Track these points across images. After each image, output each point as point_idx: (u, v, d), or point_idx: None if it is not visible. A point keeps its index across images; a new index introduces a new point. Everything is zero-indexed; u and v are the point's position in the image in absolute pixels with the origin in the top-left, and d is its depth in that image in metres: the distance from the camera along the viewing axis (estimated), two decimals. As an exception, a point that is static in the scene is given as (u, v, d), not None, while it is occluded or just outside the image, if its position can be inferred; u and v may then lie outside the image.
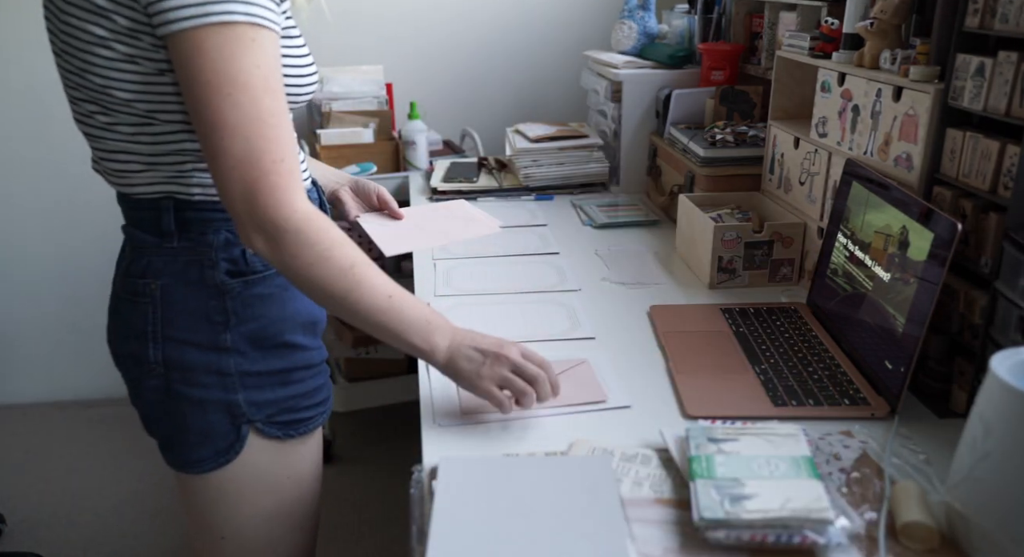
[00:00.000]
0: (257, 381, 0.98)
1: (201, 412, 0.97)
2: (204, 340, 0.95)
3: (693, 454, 0.85)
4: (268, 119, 0.82)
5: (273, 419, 1.00)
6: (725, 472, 0.82)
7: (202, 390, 0.96)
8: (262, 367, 0.98)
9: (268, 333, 0.97)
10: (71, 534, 2.09)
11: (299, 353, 1.01)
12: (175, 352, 0.95)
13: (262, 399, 0.98)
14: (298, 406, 1.02)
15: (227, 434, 0.98)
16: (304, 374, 1.02)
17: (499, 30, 2.42)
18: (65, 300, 2.59)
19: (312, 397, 1.04)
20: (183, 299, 0.94)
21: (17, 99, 2.37)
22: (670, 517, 0.81)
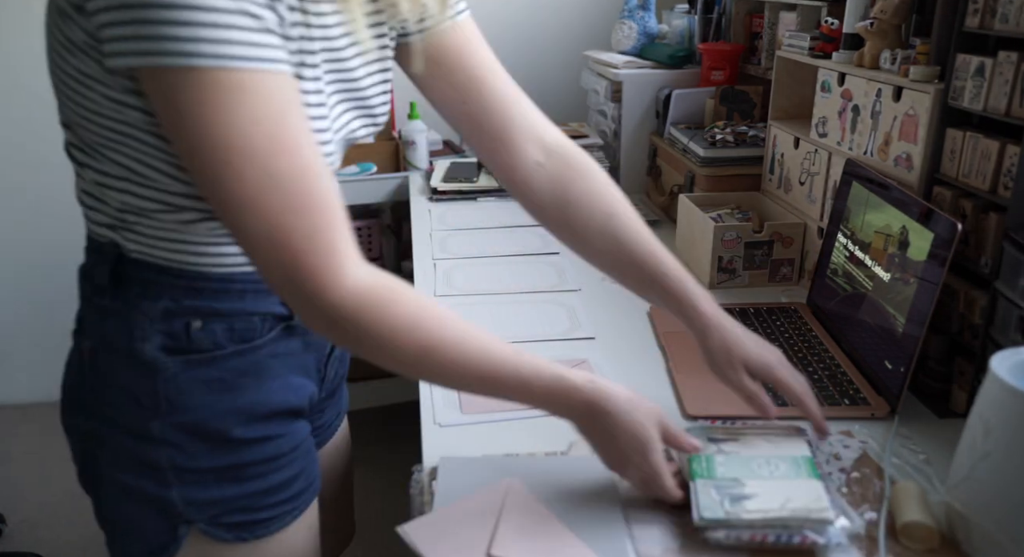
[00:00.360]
0: (197, 477, 0.77)
1: (130, 504, 0.79)
2: (131, 424, 0.76)
3: (693, 454, 0.85)
4: (288, 186, 0.63)
5: (220, 521, 0.79)
6: (725, 472, 0.81)
7: (132, 477, 0.78)
8: (204, 463, 0.77)
9: (210, 427, 0.77)
10: (71, 534, 2.09)
11: (256, 447, 0.79)
12: (104, 429, 0.78)
13: (205, 498, 0.78)
14: (256, 505, 0.81)
15: (159, 533, 0.79)
16: (264, 468, 0.80)
17: (499, 30, 2.42)
18: (65, 300, 2.59)
19: (277, 493, 0.82)
20: (109, 371, 0.77)
21: (17, 99, 2.37)
22: (670, 517, 0.81)
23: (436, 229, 1.70)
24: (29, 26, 2.30)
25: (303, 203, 0.64)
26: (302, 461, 0.85)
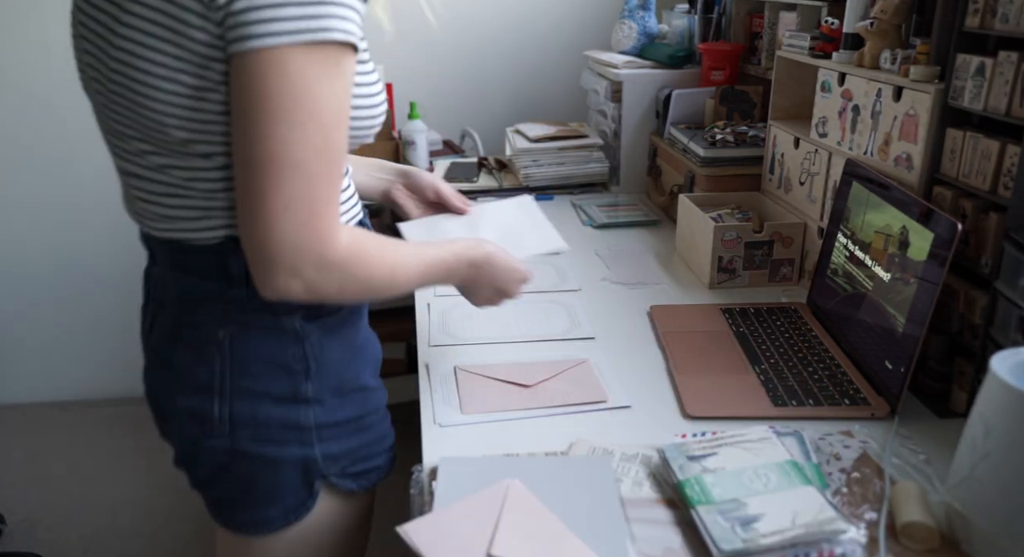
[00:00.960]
0: (334, 432, 0.91)
1: (272, 471, 0.88)
2: (283, 392, 0.86)
3: (681, 479, 0.83)
4: (331, 156, 0.74)
5: (347, 471, 0.93)
6: (722, 494, 0.80)
7: (275, 447, 0.87)
8: (340, 416, 0.91)
9: (347, 378, 0.92)
10: (71, 534, 2.09)
11: (371, 395, 0.96)
12: (246, 407, 0.86)
13: (338, 451, 0.91)
14: (371, 453, 0.96)
15: (298, 492, 0.90)
16: (374, 418, 0.97)
17: (499, 30, 2.42)
18: (65, 300, 2.59)
19: (382, 443, 0.98)
20: (256, 348, 0.85)
21: (17, 100, 2.37)
22: (670, 517, 0.81)
23: (436, 229, 1.70)
24: (31, 29, 2.30)
25: (333, 174, 0.75)
26: (389, 418, 1.01)
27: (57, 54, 2.32)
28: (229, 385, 0.85)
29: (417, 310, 1.32)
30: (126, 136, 0.81)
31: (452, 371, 1.12)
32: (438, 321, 1.27)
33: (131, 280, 2.59)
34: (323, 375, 0.88)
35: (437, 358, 1.16)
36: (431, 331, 1.24)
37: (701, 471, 0.83)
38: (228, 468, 0.88)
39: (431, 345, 1.20)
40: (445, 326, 1.26)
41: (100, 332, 2.65)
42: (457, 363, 1.14)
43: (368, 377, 0.95)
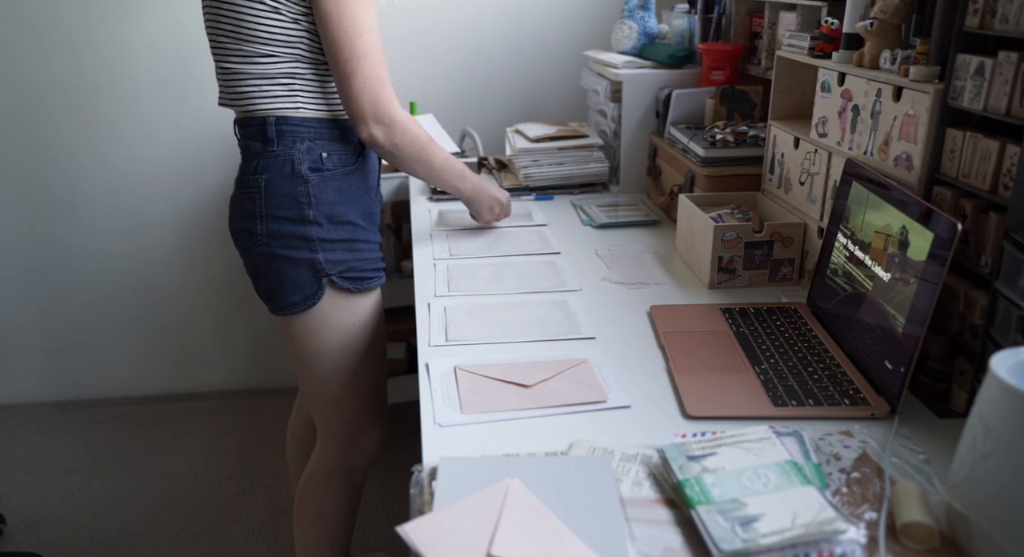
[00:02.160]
0: (332, 246, 1.34)
1: (294, 268, 1.33)
2: (295, 215, 1.31)
3: (681, 478, 0.82)
4: (381, 53, 1.27)
5: (344, 275, 1.36)
6: (722, 494, 0.79)
7: (294, 251, 1.32)
8: (335, 236, 1.34)
9: (337, 212, 1.34)
10: (71, 534, 2.09)
11: (359, 229, 1.38)
12: (275, 225, 1.32)
13: (335, 259, 1.35)
14: (361, 267, 1.38)
15: (312, 284, 1.34)
16: (363, 246, 1.39)
17: (499, 30, 2.42)
18: (65, 300, 2.59)
19: (371, 263, 1.41)
20: (280, 187, 1.31)
21: (14, 97, 2.37)
22: (670, 517, 0.81)
23: (436, 229, 1.70)
24: (30, 26, 2.30)
25: (383, 63, 1.28)
26: (379, 253, 1.45)
27: (54, 51, 2.32)
28: (265, 212, 1.32)
29: (417, 310, 1.32)
30: (225, 38, 1.28)
31: (452, 371, 1.12)
32: (438, 321, 1.27)
33: (131, 280, 2.59)
34: (320, 206, 1.32)
35: (437, 358, 1.16)
36: (431, 331, 1.24)
37: (701, 471, 0.83)
38: (269, 266, 1.34)
39: (431, 345, 1.20)
40: (445, 326, 1.26)
41: (100, 332, 2.65)
42: (457, 363, 1.14)
43: (355, 216, 1.37)
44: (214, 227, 2.55)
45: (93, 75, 2.35)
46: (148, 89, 2.40)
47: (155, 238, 2.55)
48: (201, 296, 2.65)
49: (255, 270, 1.37)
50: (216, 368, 2.74)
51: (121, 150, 2.45)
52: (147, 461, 2.38)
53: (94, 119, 2.41)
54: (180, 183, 2.50)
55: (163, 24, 2.33)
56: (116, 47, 2.33)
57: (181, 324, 2.68)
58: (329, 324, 1.39)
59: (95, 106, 2.39)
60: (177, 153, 2.47)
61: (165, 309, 2.64)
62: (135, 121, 2.43)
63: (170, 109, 2.42)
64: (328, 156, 1.33)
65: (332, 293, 1.36)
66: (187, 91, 2.40)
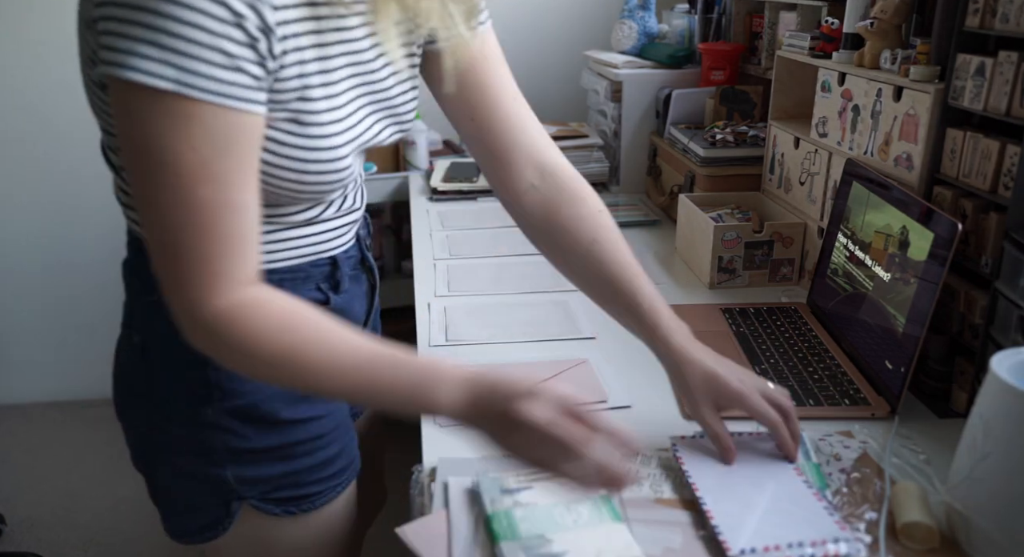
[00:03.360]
0: (250, 457, 0.85)
1: (187, 484, 0.87)
2: (185, 411, 0.84)
3: (490, 512, 0.79)
4: (200, 210, 0.66)
5: (270, 496, 0.87)
6: (529, 529, 0.77)
7: (187, 460, 0.86)
8: (255, 444, 0.85)
9: (261, 410, 0.84)
10: (71, 534, 2.09)
11: (302, 427, 0.87)
12: (157, 417, 0.86)
13: (255, 476, 0.86)
14: (303, 481, 0.89)
15: (214, 509, 0.87)
16: (310, 446, 0.89)
17: (499, 30, 2.40)
18: (65, 300, 2.59)
19: (323, 469, 0.90)
20: (161, 362, 0.84)
21: (13, 99, 2.37)
22: (670, 517, 0.81)
23: (436, 229, 1.70)
24: (28, 29, 2.30)
25: (208, 231, 0.67)
26: (343, 439, 0.93)
27: (52, 54, 2.32)
28: (148, 390, 0.87)
29: (417, 310, 1.32)
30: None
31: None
32: (438, 321, 1.27)
33: (131, 280, 2.59)
34: (228, 403, 0.83)
35: (437, 358, 1.16)
36: (431, 331, 1.24)
37: (512, 505, 0.80)
38: (153, 472, 0.91)
39: (431, 345, 1.20)
40: (445, 326, 1.26)
41: (99, 332, 2.64)
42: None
43: (294, 410, 0.86)
44: (214, 227, 2.55)
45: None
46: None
47: (155, 238, 2.55)
48: (201, 296, 2.64)
49: (142, 471, 0.93)
50: (216, 368, 2.74)
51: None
52: (147, 461, 2.38)
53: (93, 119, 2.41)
54: (180, 183, 2.50)
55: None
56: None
57: (181, 324, 2.67)
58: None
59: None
60: (177, 153, 2.47)
61: (165, 309, 2.64)
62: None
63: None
64: None
65: (253, 517, 0.89)
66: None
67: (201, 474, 0.85)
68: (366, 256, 0.99)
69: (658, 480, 0.87)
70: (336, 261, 0.91)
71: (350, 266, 0.94)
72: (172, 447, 0.86)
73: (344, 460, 0.93)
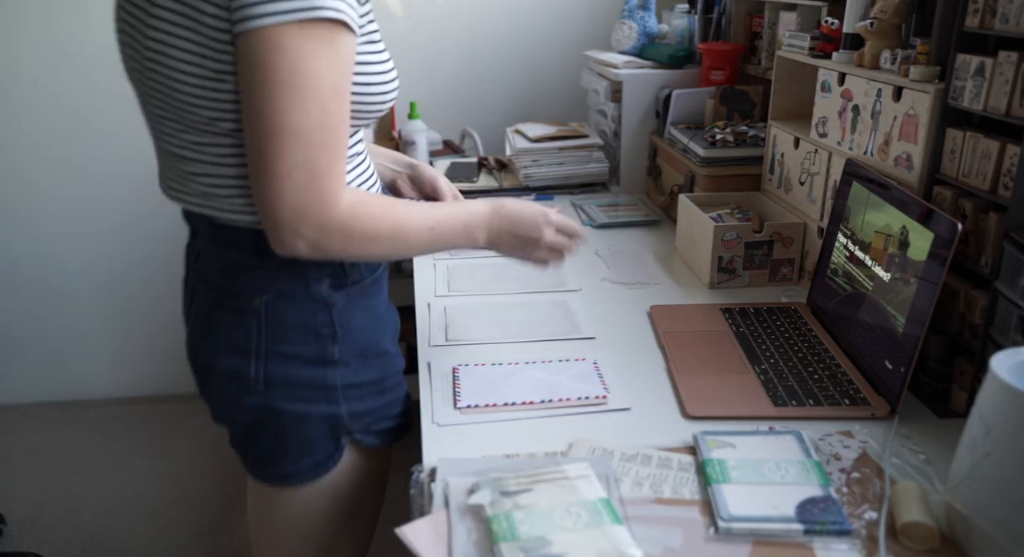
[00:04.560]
0: (358, 392, 0.99)
1: (303, 426, 0.97)
2: (312, 354, 0.95)
3: (491, 514, 0.79)
4: (331, 125, 0.81)
5: (370, 428, 1.03)
6: (528, 531, 0.77)
7: (305, 404, 0.96)
8: (363, 378, 0.99)
9: (370, 343, 1.00)
10: (71, 534, 2.09)
11: (391, 360, 1.04)
12: (279, 368, 0.94)
13: (362, 409, 1.00)
14: (391, 413, 1.05)
15: (326, 447, 1.00)
16: (394, 381, 1.05)
17: (499, 30, 2.42)
18: (65, 300, 2.59)
19: (402, 404, 1.08)
20: (290, 314, 0.94)
21: (16, 99, 2.37)
22: (670, 517, 0.81)
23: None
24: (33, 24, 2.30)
25: (334, 142, 0.82)
26: (405, 383, 1.10)
27: (58, 54, 2.32)
28: (265, 347, 0.94)
29: (417, 310, 1.32)
30: (163, 118, 0.89)
31: (452, 371, 1.12)
32: (438, 321, 1.27)
33: (130, 280, 2.59)
34: (348, 340, 0.97)
35: (437, 358, 1.16)
36: (431, 331, 1.24)
37: (512, 507, 0.80)
38: (263, 424, 0.97)
39: (431, 345, 1.20)
40: (445, 326, 1.26)
41: (100, 332, 2.65)
42: (457, 363, 1.14)
43: (388, 343, 1.04)
44: (214, 227, 2.55)
45: (91, 73, 2.35)
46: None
47: (155, 238, 2.55)
48: (201, 296, 2.64)
49: (241, 428, 1.00)
50: (216, 368, 2.74)
51: (121, 149, 2.45)
52: (147, 461, 2.38)
53: (93, 118, 2.41)
54: (180, 183, 2.50)
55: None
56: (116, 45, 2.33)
57: (181, 324, 2.67)
58: (338, 493, 1.05)
59: (93, 105, 2.39)
60: (177, 153, 2.47)
61: (165, 309, 2.64)
62: (135, 120, 2.42)
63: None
64: (352, 264, 0.97)
65: (350, 453, 1.03)
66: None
67: (321, 414, 0.97)
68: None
69: (658, 480, 0.87)
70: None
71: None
72: (293, 394, 0.95)
73: (407, 402, 1.10)
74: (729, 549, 0.76)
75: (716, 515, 0.80)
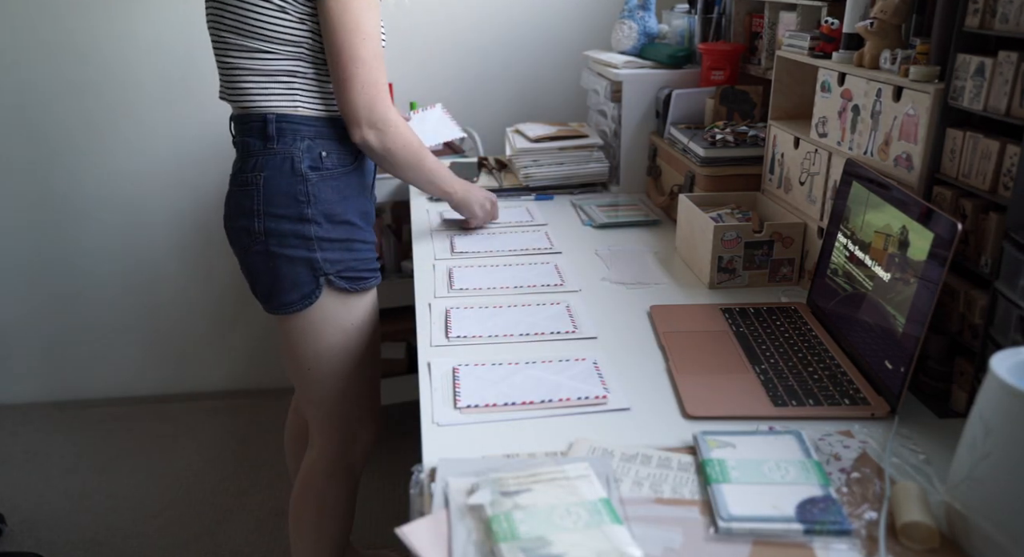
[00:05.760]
0: (330, 245, 1.36)
1: (292, 266, 1.34)
2: (293, 213, 1.32)
3: (491, 514, 0.79)
4: (381, 58, 1.29)
5: (341, 274, 1.38)
6: (528, 530, 0.77)
7: (292, 250, 1.33)
8: (333, 235, 1.36)
9: (335, 211, 1.36)
10: (71, 534, 2.09)
11: (356, 229, 1.40)
12: (273, 223, 1.33)
13: (333, 258, 1.36)
14: (358, 267, 1.40)
15: (309, 283, 1.36)
16: (360, 246, 1.41)
17: (499, 30, 2.42)
18: (65, 299, 2.59)
19: (367, 263, 1.43)
20: (279, 185, 1.32)
21: (16, 97, 2.37)
22: (670, 517, 0.81)
23: (436, 229, 1.70)
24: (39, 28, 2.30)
25: (383, 68, 1.31)
26: (374, 254, 1.46)
27: (56, 49, 2.32)
28: (263, 210, 1.33)
29: (417, 310, 1.32)
30: (229, 34, 1.30)
31: (452, 371, 1.12)
32: (438, 321, 1.27)
33: (131, 280, 2.59)
34: (318, 204, 1.34)
35: (437, 358, 1.16)
36: (431, 331, 1.24)
37: (512, 507, 0.80)
38: (266, 264, 1.35)
39: (431, 345, 1.20)
40: (445, 326, 1.26)
41: (99, 332, 2.65)
42: (457, 363, 1.14)
43: (353, 216, 1.39)
44: (214, 227, 2.55)
45: (95, 73, 2.35)
46: (150, 88, 2.40)
47: (155, 238, 2.55)
48: (201, 296, 2.65)
49: (252, 268, 1.38)
50: (216, 368, 2.74)
51: (122, 149, 2.45)
52: (147, 461, 2.38)
53: (95, 118, 2.41)
54: (180, 183, 2.50)
55: (166, 22, 2.33)
56: (118, 45, 2.33)
57: (181, 324, 2.68)
58: (326, 324, 1.40)
59: (97, 104, 2.39)
60: (177, 153, 2.47)
61: (165, 309, 2.64)
62: (136, 120, 2.43)
63: (172, 108, 2.42)
64: (327, 155, 1.35)
65: (329, 293, 1.38)
66: (189, 90, 2.40)
67: (303, 257, 1.34)
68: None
69: (658, 480, 0.87)
70: None
71: None
72: (283, 242, 1.33)
73: (375, 265, 1.46)
74: (729, 549, 0.76)
75: (716, 515, 0.80)
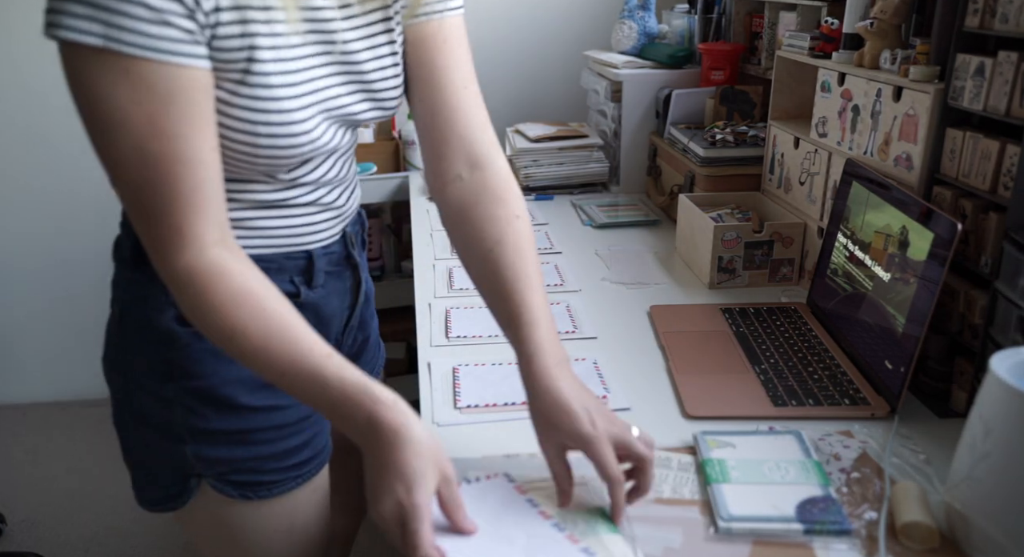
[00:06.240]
0: (208, 438, 0.85)
1: (150, 454, 0.89)
2: (149, 385, 0.85)
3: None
4: (155, 165, 0.69)
5: (227, 478, 0.87)
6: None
7: (151, 431, 0.87)
8: (214, 426, 0.85)
9: (219, 394, 0.84)
10: (71, 534, 2.09)
11: (263, 414, 0.87)
12: (130, 386, 0.88)
13: (214, 456, 0.86)
14: (261, 468, 0.88)
15: (174, 482, 0.89)
16: (271, 435, 0.88)
17: (499, 30, 2.42)
18: (65, 300, 2.59)
19: (283, 459, 0.89)
20: (133, 334, 0.86)
21: (15, 96, 2.37)
22: (670, 517, 0.81)
23: (436, 229, 1.70)
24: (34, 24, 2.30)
25: (165, 186, 0.70)
26: (311, 431, 0.92)
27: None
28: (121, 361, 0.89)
29: (417, 310, 1.32)
30: None
31: (452, 371, 1.12)
32: (438, 321, 1.27)
33: (131, 280, 2.59)
34: (186, 383, 0.84)
35: (437, 358, 1.16)
36: (431, 331, 1.24)
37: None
38: (123, 432, 0.92)
39: (431, 345, 1.20)
40: (445, 326, 1.26)
41: (100, 332, 2.64)
42: (457, 363, 1.14)
43: (255, 397, 0.86)
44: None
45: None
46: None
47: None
48: (201, 296, 2.64)
49: (118, 430, 0.93)
50: (216, 368, 2.74)
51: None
52: (147, 461, 2.38)
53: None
54: (180, 183, 2.50)
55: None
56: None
57: (181, 324, 2.67)
58: (210, 534, 0.94)
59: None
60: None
61: (165, 309, 2.64)
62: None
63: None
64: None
65: (213, 496, 0.89)
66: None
67: (162, 447, 0.87)
68: (351, 253, 0.97)
69: (657, 480, 0.87)
70: (312, 256, 0.90)
71: (329, 262, 0.93)
72: (139, 417, 0.87)
73: (308, 452, 0.92)
74: (729, 549, 0.76)
75: (716, 515, 0.80)
